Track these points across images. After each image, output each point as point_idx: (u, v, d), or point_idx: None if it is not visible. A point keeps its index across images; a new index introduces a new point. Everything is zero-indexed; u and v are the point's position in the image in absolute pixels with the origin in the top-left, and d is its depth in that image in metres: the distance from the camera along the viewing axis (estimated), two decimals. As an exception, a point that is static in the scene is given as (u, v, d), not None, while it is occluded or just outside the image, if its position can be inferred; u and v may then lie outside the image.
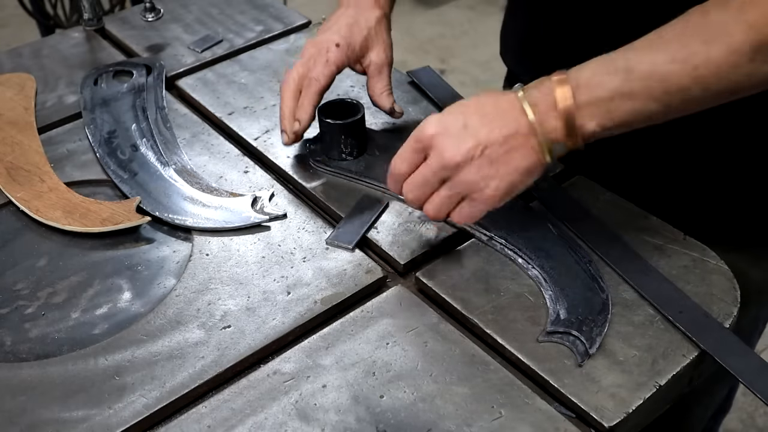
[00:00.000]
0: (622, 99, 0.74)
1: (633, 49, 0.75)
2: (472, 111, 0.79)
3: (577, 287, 0.81)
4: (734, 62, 0.71)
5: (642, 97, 0.74)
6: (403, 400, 0.73)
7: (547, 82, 0.77)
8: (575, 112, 0.75)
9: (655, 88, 0.73)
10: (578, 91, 0.75)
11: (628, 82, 0.74)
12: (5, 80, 1.16)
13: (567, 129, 0.76)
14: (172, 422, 0.73)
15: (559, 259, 0.84)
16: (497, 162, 0.78)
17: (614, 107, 0.75)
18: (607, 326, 0.78)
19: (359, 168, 0.96)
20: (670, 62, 0.72)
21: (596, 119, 0.75)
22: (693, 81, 0.72)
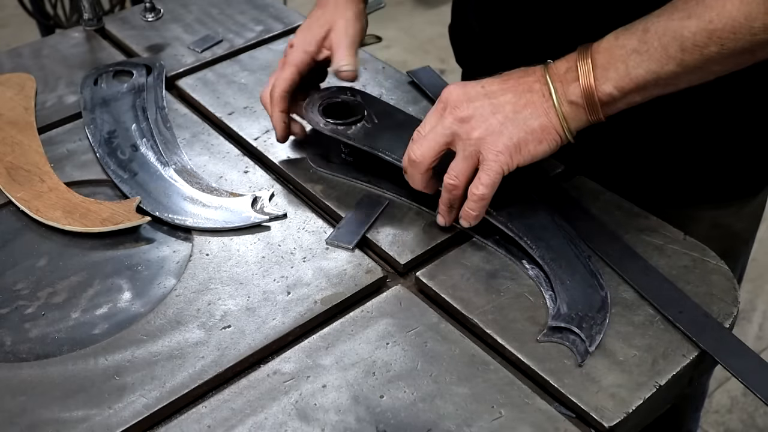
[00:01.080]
0: (639, 57, 0.74)
1: (652, 14, 0.75)
2: (494, 79, 0.82)
3: (577, 282, 0.81)
4: (748, 14, 0.70)
5: (658, 55, 0.74)
6: (403, 400, 0.73)
7: (571, 54, 0.78)
8: (593, 73, 0.76)
9: (671, 44, 0.73)
10: (597, 56, 0.76)
11: (645, 41, 0.74)
12: (5, 80, 1.16)
13: (585, 92, 0.76)
14: (172, 422, 0.73)
15: (559, 251, 0.84)
16: (508, 118, 0.79)
17: (632, 67, 0.75)
18: (606, 324, 0.78)
19: (359, 137, 0.94)
20: (686, 18, 0.72)
21: (613, 81, 0.75)
22: (708, 36, 0.71)
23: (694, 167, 0.98)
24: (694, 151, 0.97)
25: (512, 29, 1.01)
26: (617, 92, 0.76)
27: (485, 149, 0.80)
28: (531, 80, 0.80)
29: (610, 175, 0.97)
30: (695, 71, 0.74)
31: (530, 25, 0.98)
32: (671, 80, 0.75)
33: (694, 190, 0.99)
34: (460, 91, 0.81)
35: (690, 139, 0.96)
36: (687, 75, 0.75)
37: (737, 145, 0.97)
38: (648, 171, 0.99)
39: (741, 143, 0.97)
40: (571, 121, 0.79)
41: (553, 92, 0.78)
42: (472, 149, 0.80)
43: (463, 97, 0.81)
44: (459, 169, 0.82)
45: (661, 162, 0.98)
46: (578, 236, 0.87)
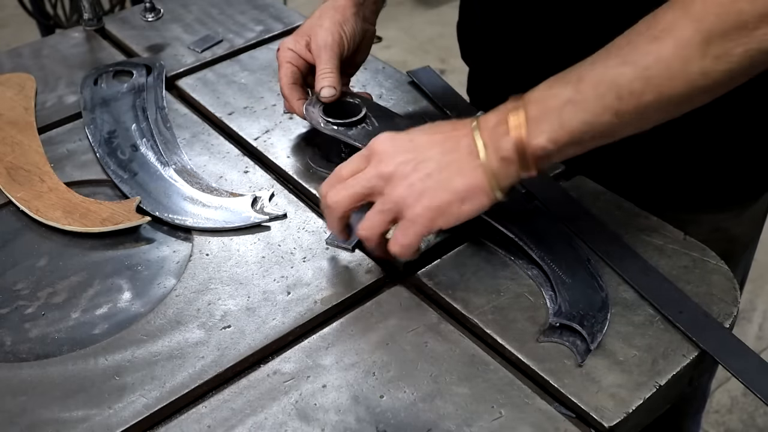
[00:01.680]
0: (573, 108, 0.70)
1: (586, 61, 0.72)
2: (424, 130, 0.79)
3: (577, 283, 0.81)
4: (685, 58, 0.67)
5: (593, 106, 0.70)
6: (403, 400, 0.73)
7: (502, 106, 0.74)
8: (525, 126, 0.72)
9: (607, 94, 0.69)
10: (530, 106, 0.72)
11: (579, 90, 0.70)
12: (5, 80, 1.16)
13: (517, 146, 0.72)
14: (172, 422, 0.73)
15: (560, 253, 0.84)
16: (430, 178, 0.75)
17: (566, 118, 0.71)
18: (607, 324, 0.78)
19: (359, 138, 0.94)
20: (621, 65, 0.69)
21: (546, 133, 0.71)
22: (644, 84, 0.68)
23: (694, 172, 0.98)
24: (694, 156, 0.97)
25: (518, 26, 1.01)
26: (551, 145, 0.72)
27: (404, 210, 0.76)
28: (459, 135, 0.75)
29: (610, 176, 0.97)
30: (632, 121, 0.71)
31: (536, 22, 0.98)
32: (608, 131, 0.71)
33: (693, 195, 0.99)
34: (388, 143, 0.77)
35: (690, 143, 0.96)
36: (624, 125, 0.71)
37: (737, 151, 0.97)
38: (647, 174, 0.99)
39: (741, 149, 0.97)
40: (501, 179, 0.74)
41: (480, 149, 0.73)
42: (390, 206, 0.77)
43: (390, 149, 0.77)
44: (373, 223, 0.78)
45: (660, 166, 0.98)
46: (578, 237, 0.87)
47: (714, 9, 0.66)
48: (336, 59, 0.95)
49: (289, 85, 0.98)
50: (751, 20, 0.65)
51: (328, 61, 0.95)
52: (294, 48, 0.98)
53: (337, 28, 0.96)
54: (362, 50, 1.04)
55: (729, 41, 0.66)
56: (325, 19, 0.97)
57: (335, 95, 0.95)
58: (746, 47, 0.66)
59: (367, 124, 0.95)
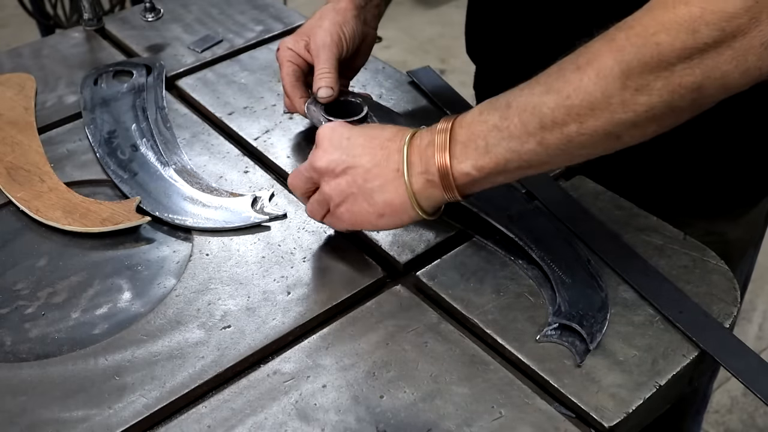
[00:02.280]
0: (499, 135, 0.70)
1: (517, 88, 0.72)
2: (367, 131, 0.80)
3: (577, 283, 0.81)
4: (605, 89, 0.66)
5: (518, 132, 0.69)
6: (403, 400, 0.73)
7: (438, 124, 0.74)
8: (451, 150, 0.72)
9: (530, 121, 0.69)
10: (459, 130, 0.72)
11: (506, 117, 0.70)
12: (5, 80, 1.16)
13: (440, 171, 0.72)
14: (172, 422, 0.73)
15: (559, 253, 0.84)
16: (355, 185, 0.77)
17: (491, 144, 0.70)
18: (606, 324, 0.78)
19: None
20: (545, 93, 0.68)
21: (472, 159, 0.71)
22: (566, 113, 0.67)
23: (688, 179, 0.98)
24: (689, 163, 0.97)
25: (526, 24, 1.00)
26: (476, 172, 0.72)
27: (331, 206, 0.81)
28: (392, 148, 0.76)
29: (609, 177, 0.97)
30: (558, 152, 0.70)
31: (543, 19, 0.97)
32: (534, 160, 0.71)
33: (687, 200, 0.99)
34: (327, 139, 0.79)
35: (685, 151, 0.96)
36: (551, 156, 0.70)
37: (730, 160, 0.97)
38: (643, 177, 0.99)
39: (734, 158, 0.97)
40: (423, 199, 0.75)
41: (405, 168, 0.74)
42: (321, 199, 0.81)
43: (326, 145, 0.79)
44: (312, 207, 0.84)
45: (656, 170, 0.98)
46: (578, 238, 0.87)
47: (635, 40, 0.65)
48: (334, 60, 0.95)
49: (292, 83, 0.98)
50: (671, 54, 0.63)
51: (326, 61, 0.95)
52: (294, 47, 0.98)
53: (336, 29, 0.96)
54: (362, 54, 1.04)
55: (648, 74, 0.64)
56: (325, 20, 0.97)
57: (332, 95, 0.95)
58: (666, 81, 0.64)
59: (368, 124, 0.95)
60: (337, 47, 0.96)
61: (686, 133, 0.94)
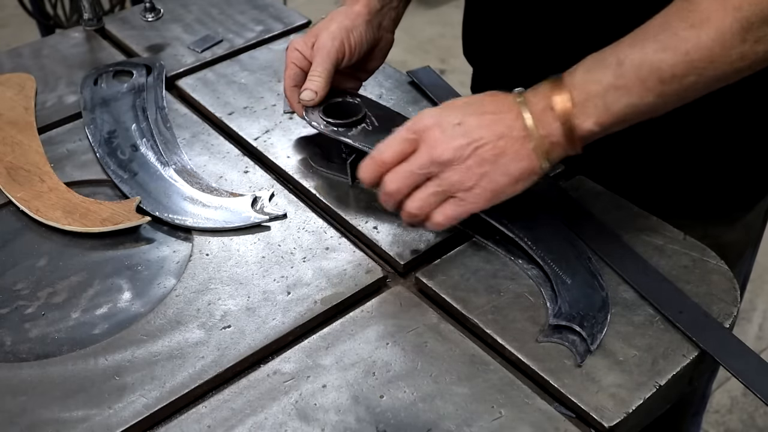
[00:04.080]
0: (617, 93, 0.74)
1: (622, 44, 0.75)
2: (470, 110, 0.79)
3: (577, 282, 0.81)
4: (725, 44, 0.71)
5: (637, 89, 0.74)
6: (403, 400, 0.73)
7: (543, 87, 0.77)
8: (572, 111, 0.75)
9: (649, 78, 0.73)
10: (573, 92, 0.75)
11: (621, 75, 0.74)
12: (5, 80, 1.16)
13: (565, 131, 0.76)
14: (172, 422, 0.73)
15: (559, 252, 0.84)
16: (487, 162, 0.77)
17: (610, 102, 0.74)
18: (607, 324, 0.78)
19: (359, 138, 0.93)
20: (662, 51, 0.72)
21: (593, 117, 0.75)
22: (687, 67, 0.72)
23: (685, 180, 0.98)
24: (686, 165, 0.97)
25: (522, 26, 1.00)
26: (597, 128, 0.75)
27: (460, 193, 0.79)
28: (509, 118, 0.77)
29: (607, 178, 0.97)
30: (675, 100, 0.75)
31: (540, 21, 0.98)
32: (651, 110, 0.75)
33: (683, 201, 0.99)
34: (438, 128, 0.78)
35: (683, 152, 0.96)
36: (666, 104, 0.75)
37: (727, 163, 0.97)
38: (642, 179, 0.99)
39: (731, 161, 0.97)
40: (552, 158, 0.78)
41: (535, 134, 0.76)
42: (446, 188, 0.79)
43: (441, 135, 0.78)
44: (425, 202, 0.80)
45: (653, 171, 0.98)
46: (578, 237, 0.87)
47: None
48: (329, 64, 0.95)
49: (291, 87, 0.98)
50: None
51: (319, 65, 0.94)
52: (300, 49, 0.97)
53: (341, 34, 0.95)
54: (376, 57, 1.03)
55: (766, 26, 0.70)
56: (333, 23, 0.96)
57: (314, 100, 0.94)
58: None
59: (367, 125, 0.95)
60: (338, 52, 0.95)
61: (684, 137, 0.95)
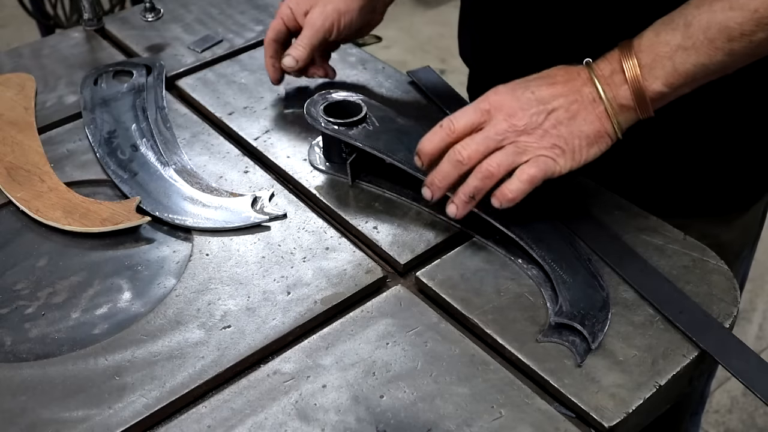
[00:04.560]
0: (686, 53, 0.75)
1: (689, 6, 0.76)
2: (541, 82, 0.81)
3: (578, 282, 0.81)
4: None
5: (705, 49, 0.75)
6: (403, 400, 0.73)
7: (611, 53, 0.79)
8: (641, 74, 0.77)
9: (718, 37, 0.74)
10: (641, 55, 0.77)
11: (689, 36, 0.75)
12: (5, 80, 1.16)
13: (635, 93, 0.77)
14: (172, 422, 0.73)
15: (559, 252, 0.84)
16: (562, 125, 0.79)
17: (679, 62, 0.76)
18: (608, 324, 0.78)
19: (360, 138, 0.94)
20: (729, 9, 0.73)
21: (662, 78, 0.77)
22: (756, 24, 0.73)
23: (684, 179, 0.99)
24: (685, 163, 0.97)
25: (516, 27, 1.01)
26: (667, 89, 0.77)
27: (538, 153, 0.80)
28: (578, 84, 0.80)
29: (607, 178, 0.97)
30: (745, 57, 0.76)
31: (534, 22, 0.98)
32: (720, 69, 0.76)
33: (681, 200, 0.99)
34: (511, 98, 0.80)
35: (682, 150, 0.96)
36: (736, 61, 0.76)
37: (726, 161, 0.98)
38: (641, 179, 0.99)
39: (730, 159, 0.98)
40: (623, 122, 0.80)
41: (603, 97, 0.79)
42: (522, 151, 0.80)
43: (516, 104, 0.80)
44: (502, 160, 0.80)
45: (652, 169, 0.99)
46: (578, 238, 0.87)
47: None
48: (315, 39, 1.02)
49: (272, 39, 1.05)
50: None
51: (306, 37, 1.02)
52: (294, 9, 1.02)
53: (333, 16, 1.01)
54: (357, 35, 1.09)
55: None
56: (330, 4, 1.01)
57: (294, 68, 1.04)
58: None
59: (368, 124, 0.95)
60: (326, 32, 1.02)
61: (683, 138, 0.95)
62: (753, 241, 1.12)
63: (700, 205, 0.99)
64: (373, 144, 0.93)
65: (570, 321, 0.77)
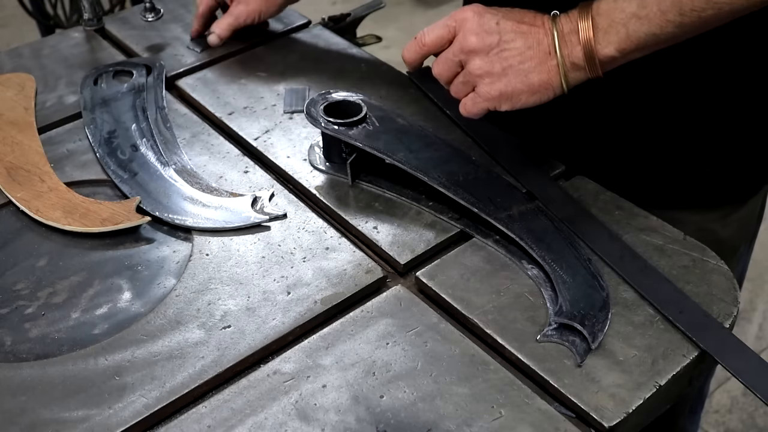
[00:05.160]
0: (639, 21, 0.77)
1: None
2: (510, 15, 0.84)
3: (578, 282, 0.81)
4: None
5: (657, 20, 0.77)
6: (403, 400, 0.73)
7: (574, 12, 0.81)
8: (594, 37, 0.79)
9: (670, 10, 0.76)
10: (598, 18, 0.79)
11: (644, 5, 0.77)
12: (5, 80, 1.16)
13: (586, 54, 0.80)
14: (172, 422, 0.73)
15: (559, 252, 0.84)
16: (510, 66, 0.82)
17: (632, 30, 0.78)
18: (608, 324, 0.78)
19: (360, 138, 0.94)
20: None
21: (614, 44, 0.79)
22: (706, 2, 0.75)
23: (680, 169, 0.99)
24: (681, 152, 0.97)
25: None
26: (618, 54, 0.79)
27: (480, 86, 0.84)
28: (541, 33, 0.82)
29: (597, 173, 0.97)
30: (692, 31, 0.78)
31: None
32: (670, 39, 0.79)
33: (678, 192, 0.99)
34: (477, 21, 0.84)
35: (677, 139, 0.96)
36: (684, 34, 0.78)
37: (724, 151, 0.98)
38: (634, 169, 0.99)
39: (728, 149, 0.98)
40: (571, 80, 0.82)
41: (557, 51, 0.81)
42: (469, 80, 0.85)
43: (478, 28, 0.83)
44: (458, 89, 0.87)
45: (647, 161, 0.99)
46: (578, 238, 0.87)
47: None
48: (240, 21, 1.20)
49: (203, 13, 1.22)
50: None
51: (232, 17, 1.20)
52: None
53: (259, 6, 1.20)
54: None
55: None
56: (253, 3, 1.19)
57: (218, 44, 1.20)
58: None
59: (368, 124, 0.95)
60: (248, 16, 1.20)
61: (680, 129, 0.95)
62: (750, 238, 1.12)
63: (695, 195, 0.99)
64: (373, 144, 0.93)
65: (570, 321, 0.77)
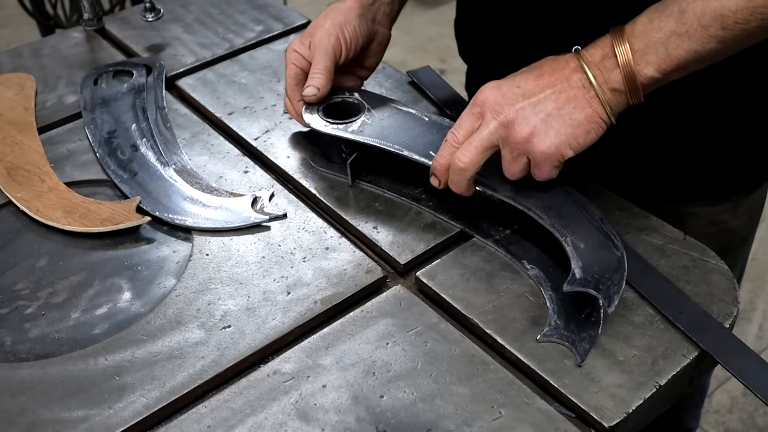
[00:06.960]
0: (679, 39, 0.75)
1: None
2: (528, 75, 0.81)
3: (591, 246, 0.80)
4: None
5: (699, 36, 0.75)
6: (403, 400, 0.74)
7: (602, 39, 0.79)
8: (633, 59, 0.76)
9: (711, 25, 0.74)
10: (634, 40, 0.77)
11: (683, 22, 0.75)
12: (5, 80, 1.16)
13: (626, 78, 0.77)
14: (172, 422, 0.73)
15: (570, 217, 0.83)
16: (549, 114, 0.79)
17: (672, 48, 0.76)
18: (624, 284, 0.77)
19: (357, 134, 0.93)
20: None
21: (654, 64, 0.76)
22: (750, 14, 0.73)
23: (690, 163, 0.99)
24: (691, 147, 0.97)
25: (514, 23, 1.01)
26: (659, 74, 0.77)
27: (533, 150, 0.79)
28: (567, 72, 0.80)
29: (607, 172, 0.97)
30: (736, 45, 0.76)
31: (532, 19, 0.98)
32: (712, 56, 0.76)
33: (689, 186, 0.99)
34: (497, 94, 0.80)
35: (687, 134, 0.96)
36: (728, 49, 0.76)
37: (732, 142, 0.98)
38: (645, 166, 0.99)
39: (736, 140, 0.98)
40: (614, 106, 0.79)
41: (593, 81, 0.78)
42: (519, 151, 0.80)
43: (502, 100, 0.80)
44: (514, 170, 0.82)
45: (657, 157, 0.99)
46: (588, 200, 0.86)
47: None
48: (329, 61, 0.95)
49: (292, 86, 0.98)
50: None
51: (319, 62, 0.95)
52: (298, 50, 0.98)
53: (336, 30, 0.96)
54: (374, 53, 1.03)
55: None
56: (327, 20, 0.97)
57: (316, 96, 0.96)
58: None
59: (367, 118, 0.95)
60: (334, 48, 0.96)
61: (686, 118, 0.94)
62: (755, 226, 1.12)
63: (706, 187, 0.99)
64: (373, 133, 0.92)
65: (584, 288, 0.76)
